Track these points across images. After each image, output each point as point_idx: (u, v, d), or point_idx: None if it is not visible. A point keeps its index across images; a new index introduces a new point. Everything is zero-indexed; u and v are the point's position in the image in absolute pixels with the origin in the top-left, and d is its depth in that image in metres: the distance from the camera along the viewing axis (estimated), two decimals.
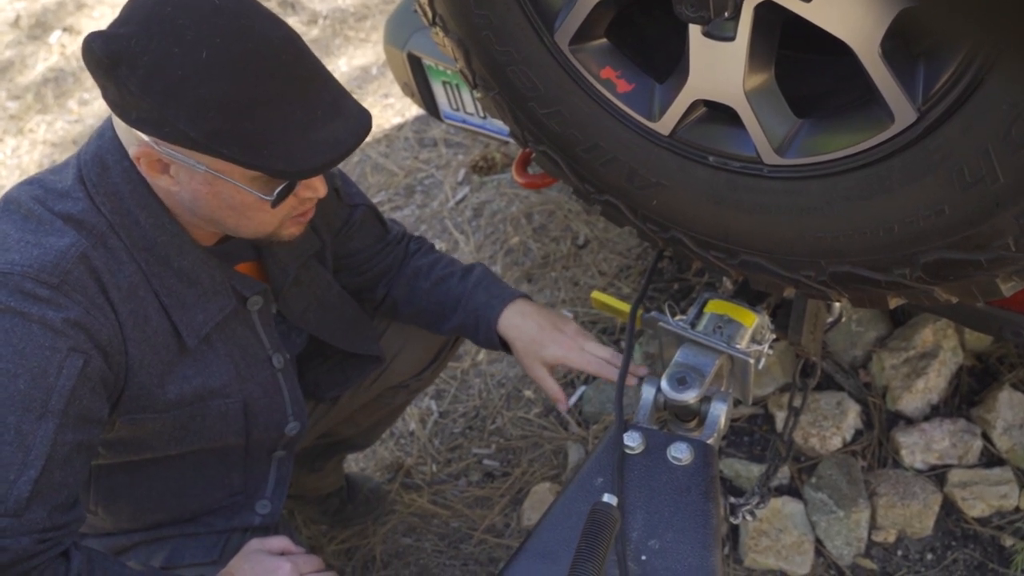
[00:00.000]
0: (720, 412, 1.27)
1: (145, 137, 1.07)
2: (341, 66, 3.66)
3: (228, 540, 1.39)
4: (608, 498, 1.07)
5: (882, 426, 1.89)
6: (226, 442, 1.33)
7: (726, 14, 0.95)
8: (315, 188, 1.17)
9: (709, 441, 1.23)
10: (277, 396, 1.36)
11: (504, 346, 1.48)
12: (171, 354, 1.21)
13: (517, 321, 1.44)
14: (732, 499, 1.55)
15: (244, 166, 1.05)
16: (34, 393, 1.05)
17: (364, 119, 1.10)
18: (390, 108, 3.37)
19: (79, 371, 1.07)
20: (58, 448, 1.06)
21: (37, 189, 1.15)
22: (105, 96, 1.06)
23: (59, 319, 1.06)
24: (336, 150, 1.07)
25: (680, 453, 1.19)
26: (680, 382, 1.28)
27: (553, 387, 1.43)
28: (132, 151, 1.10)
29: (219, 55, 1.01)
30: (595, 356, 1.40)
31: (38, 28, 4.45)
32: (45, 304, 1.06)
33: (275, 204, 1.12)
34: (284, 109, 1.04)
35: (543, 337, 1.42)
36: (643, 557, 1.10)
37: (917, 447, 1.83)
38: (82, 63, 4.50)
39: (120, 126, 1.13)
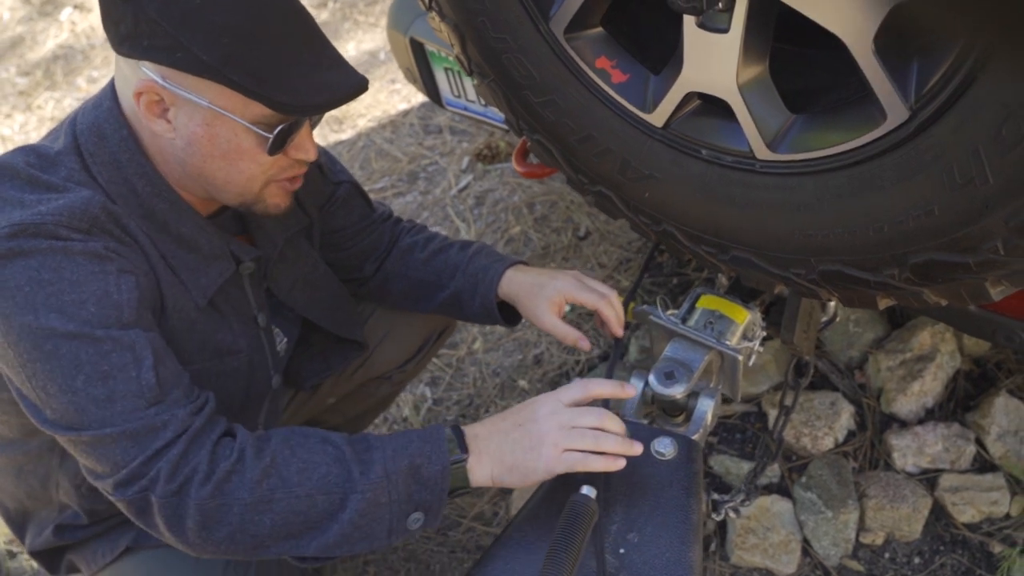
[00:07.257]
0: (707, 408, 1.26)
1: (151, 73, 1.08)
2: (349, 50, 3.65)
3: None
4: (587, 490, 1.07)
5: (875, 428, 1.88)
6: (230, 401, 1.33)
7: (719, 5, 0.94)
8: (306, 150, 1.19)
9: (694, 437, 1.23)
10: (262, 352, 1.38)
11: (497, 315, 1.47)
12: (190, 309, 1.22)
13: (519, 277, 1.46)
14: (716, 495, 1.55)
15: (250, 95, 1.07)
16: (107, 311, 1.07)
17: (362, 79, 1.15)
18: (396, 94, 3.37)
19: (135, 285, 1.11)
20: (155, 344, 1.09)
21: (31, 156, 1.15)
22: (116, 31, 1.08)
23: (100, 246, 1.09)
24: (338, 92, 1.12)
25: (664, 448, 1.18)
26: (668, 376, 1.28)
27: (567, 330, 1.40)
28: (132, 88, 1.11)
29: None
30: (596, 291, 1.40)
31: (49, 5, 4.45)
32: (82, 241, 1.09)
33: (272, 149, 1.13)
34: (293, 48, 1.10)
35: (543, 280, 1.43)
36: (621, 550, 1.09)
37: (909, 450, 1.82)
38: (91, 41, 4.49)
39: (121, 74, 1.14)
